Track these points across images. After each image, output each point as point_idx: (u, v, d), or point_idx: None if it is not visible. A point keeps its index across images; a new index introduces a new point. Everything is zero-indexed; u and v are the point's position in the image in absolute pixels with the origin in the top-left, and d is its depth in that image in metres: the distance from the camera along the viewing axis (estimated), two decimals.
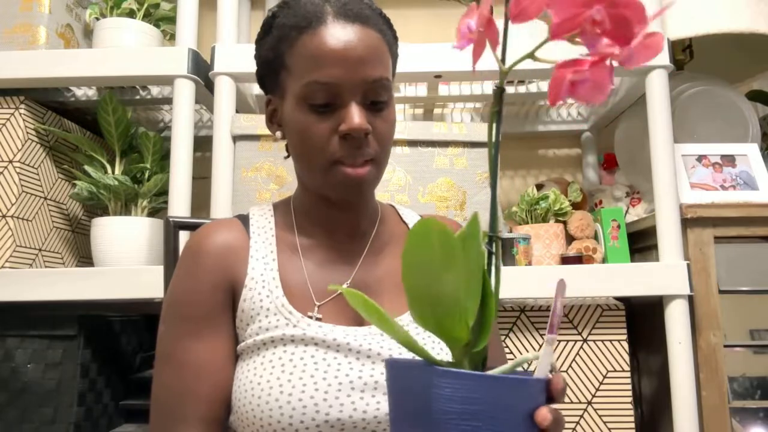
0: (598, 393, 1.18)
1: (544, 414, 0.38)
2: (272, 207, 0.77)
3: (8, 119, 1.26)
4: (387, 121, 0.67)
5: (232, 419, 0.67)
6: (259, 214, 0.75)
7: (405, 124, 1.22)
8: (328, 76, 0.62)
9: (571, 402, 1.18)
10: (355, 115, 0.63)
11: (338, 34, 0.63)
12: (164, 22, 1.46)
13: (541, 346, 1.16)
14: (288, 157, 0.74)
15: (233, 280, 0.68)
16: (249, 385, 0.62)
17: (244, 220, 0.74)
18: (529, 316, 1.21)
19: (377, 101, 0.65)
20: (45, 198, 1.31)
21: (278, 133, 0.71)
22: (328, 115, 0.64)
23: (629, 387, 1.19)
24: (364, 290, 0.65)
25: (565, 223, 1.36)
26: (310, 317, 0.66)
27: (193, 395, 0.63)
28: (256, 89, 1.47)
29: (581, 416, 1.17)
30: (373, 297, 0.68)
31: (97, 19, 1.40)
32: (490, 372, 0.41)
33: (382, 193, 1.19)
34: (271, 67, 0.69)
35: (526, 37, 1.39)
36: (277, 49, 0.67)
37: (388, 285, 0.72)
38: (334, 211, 0.72)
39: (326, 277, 0.70)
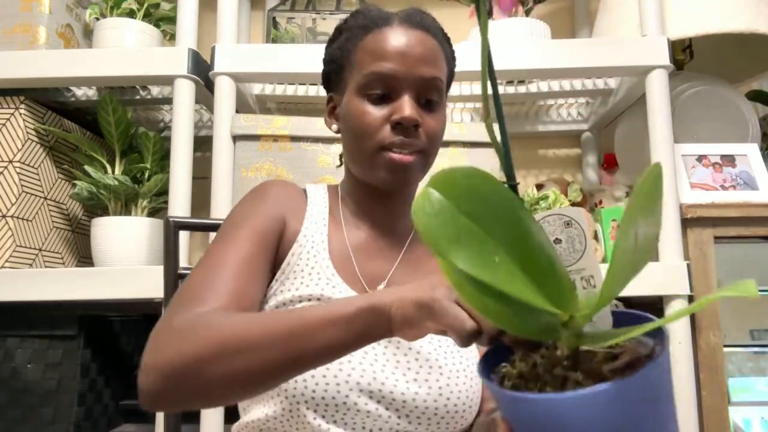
0: None
1: None
2: (326, 186, 0.81)
3: (8, 119, 1.26)
4: (437, 120, 0.71)
5: None
6: (314, 191, 0.79)
7: None
8: (387, 69, 0.68)
9: None
10: (407, 106, 0.68)
11: (401, 35, 0.70)
12: (164, 22, 1.46)
13: None
14: (341, 165, 0.80)
15: (287, 225, 0.72)
16: None
17: (303, 191, 0.78)
18: None
19: (430, 100, 0.70)
20: (45, 198, 1.31)
21: (334, 126, 0.77)
22: (383, 105, 0.70)
23: None
24: (403, 282, 0.71)
25: None
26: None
27: (220, 284, 0.60)
28: (256, 89, 1.46)
29: None
30: None
31: (97, 19, 1.40)
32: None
33: None
34: (337, 64, 0.75)
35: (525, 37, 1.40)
36: (344, 48, 0.73)
37: None
38: (376, 204, 0.76)
39: (368, 264, 0.73)
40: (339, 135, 0.76)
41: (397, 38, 0.69)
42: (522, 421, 0.34)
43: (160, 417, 1.11)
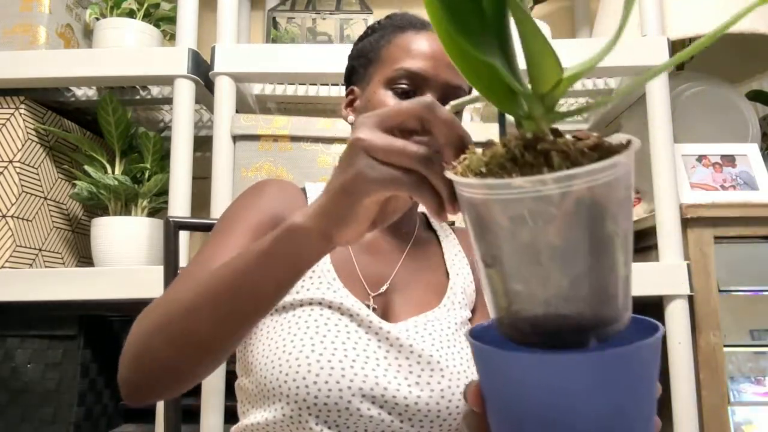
0: None
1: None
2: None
3: (8, 119, 1.26)
4: None
5: (244, 383, 0.68)
6: (314, 190, 0.79)
7: None
8: (418, 68, 0.70)
9: None
10: None
11: (435, 41, 0.71)
12: (164, 22, 1.46)
13: None
14: None
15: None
16: (279, 340, 0.65)
17: (302, 190, 0.79)
18: None
19: None
20: (45, 198, 1.31)
21: (351, 118, 0.78)
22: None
23: None
24: (405, 284, 0.73)
25: None
26: (367, 306, 0.69)
27: None
28: (256, 89, 1.46)
29: None
30: (410, 291, 0.73)
31: (97, 19, 1.40)
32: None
33: None
34: (365, 58, 0.76)
35: None
36: (376, 44, 0.76)
37: (423, 283, 0.76)
38: None
39: (371, 266, 0.74)
40: (346, 135, 0.76)
41: (431, 43, 0.71)
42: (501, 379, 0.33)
43: (160, 417, 1.11)
